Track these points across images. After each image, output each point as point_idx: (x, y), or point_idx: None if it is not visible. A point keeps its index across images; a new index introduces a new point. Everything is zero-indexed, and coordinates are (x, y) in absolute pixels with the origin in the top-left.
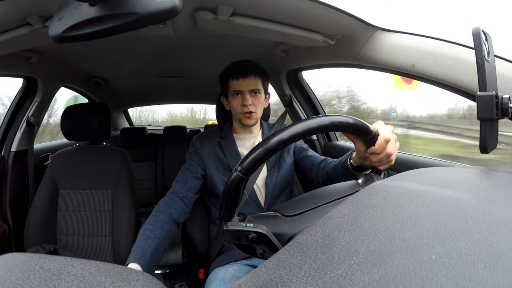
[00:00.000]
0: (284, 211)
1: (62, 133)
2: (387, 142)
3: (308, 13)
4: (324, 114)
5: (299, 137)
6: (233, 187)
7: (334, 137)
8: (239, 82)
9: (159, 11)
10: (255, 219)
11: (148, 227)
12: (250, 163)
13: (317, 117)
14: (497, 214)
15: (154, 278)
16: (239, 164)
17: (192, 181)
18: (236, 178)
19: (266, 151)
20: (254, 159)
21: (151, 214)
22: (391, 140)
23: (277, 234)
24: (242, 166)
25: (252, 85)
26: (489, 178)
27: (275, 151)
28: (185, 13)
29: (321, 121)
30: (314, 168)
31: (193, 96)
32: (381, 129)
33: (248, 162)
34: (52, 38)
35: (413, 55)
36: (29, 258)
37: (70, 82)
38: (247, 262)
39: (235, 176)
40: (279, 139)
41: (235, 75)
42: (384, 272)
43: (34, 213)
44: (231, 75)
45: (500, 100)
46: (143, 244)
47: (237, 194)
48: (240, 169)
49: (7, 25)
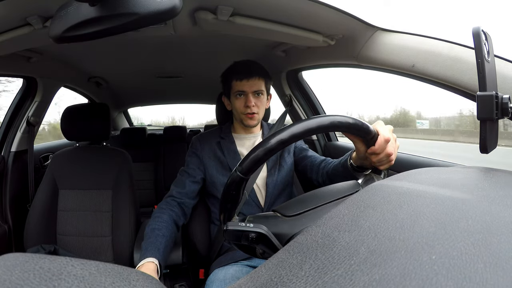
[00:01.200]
0: (284, 211)
1: (62, 133)
2: (387, 142)
3: (308, 13)
4: (324, 114)
5: (299, 137)
6: (233, 187)
7: (334, 137)
8: (242, 83)
9: (159, 11)
10: (255, 219)
11: (155, 226)
12: (250, 163)
13: (317, 117)
14: (497, 214)
15: (154, 278)
16: (239, 164)
17: (190, 186)
18: (236, 178)
19: (266, 151)
20: (254, 159)
21: (154, 216)
22: (391, 140)
23: (277, 234)
24: (242, 166)
25: (255, 86)
26: (489, 178)
27: (275, 151)
28: (185, 13)
29: (320, 121)
30: (314, 168)
31: (193, 96)
32: (381, 129)
33: (248, 162)
34: (52, 38)
35: (413, 55)
36: (29, 258)
37: (70, 82)
38: (247, 262)
39: (235, 176)
40: (279, 139)
41: (239, 75)
42: (384, 272)
43: (34, 213)
44: (235, 75)
45: (500, 100)
46: (155, 241)
47: (237, 194)
48: (240, 169)
49: (7, 25)
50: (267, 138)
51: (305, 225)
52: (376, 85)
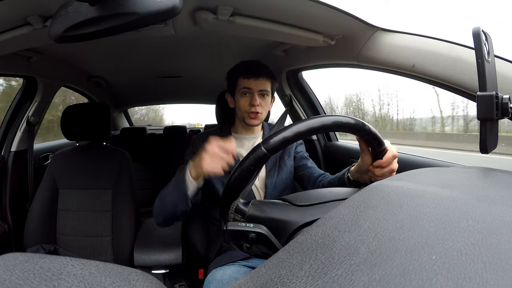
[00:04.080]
0: (293, 200)
1: (62, 133)
2: (394, 158)
3: (308, 13)
4: (356, 118)
5: (328, 128)
6: (253, 162)
7: (334, 137)
8: (250, 81)
9: (159, 11)
10: (260, 204)
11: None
12: (278, 141)
13: (346, 116)
14: (497, 214)
15: (154, 278)
16: (265, 141)
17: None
18: (260, 153)
19: (296, 134)
20: (283, 137)
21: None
22: (397, 157)
23: (285, 222)
24: (268, 142)
25: (262, 85)
26: (489, 178)
27: (304, 136)
28: (185, 13)
29: (347, 120)
30: (311, 180)
31: (193, 96)
32: (389, 145)
33: (277, 139)
34: (52, 38)
35: (413, 55)
36: (29, 258)
37: (70, 82)
38: (246, 263)
39: (260, 152)
40: (310, 126)
41: (247, 74)
42: (384, 272)
43: (34, 213)
44: (243, 73)
45: (500, 100)
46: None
47: (253, 171)
48: (267, 146)
49: (7, 25)
50: (296, 122)
51: (317, 216)
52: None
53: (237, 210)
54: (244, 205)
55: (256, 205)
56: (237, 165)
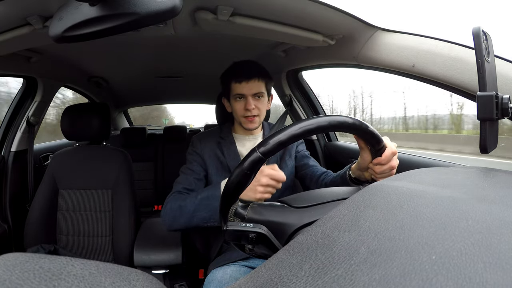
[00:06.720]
0: (291, 202)
1: (62, 133)
2: (393, 155)
3: (308, 13)
4: (355, 118)
5: (325, 129)
6: (249, 166)
7: (334, 137)
8: (242, 85)
9: (159, 11)
10: (259, 207)
11: (183, 199)
12: (274, 145)
13: (347, 116)
14: (497, 214)
15: (154, 278)
16: (260, 144)
17: (196, 184)
18: (255, 158)
19: (291, 136)
20: (277, 141)
21: (171, 199)
22: (396, 154)
23: (283, 224)
24: (264, 146)
25: (255, 88)
26: (489, 178)
27: (299, 137)
28: (185, 13)
29: (345, 120)
30: (314, 179)
31: (193, 96)
32: (388, 142)
33: (272, 143)
34: (52, 38)
35: (413, 55)
36: (29, 258)
37: (70, 82)
38: (245, 263)
39: (255, 156)
40: (304, 127)
41: (238, 77)
42: (384, 272)
43: (34, 213)
44: (234, 77)
45: (500, 100)
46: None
47: (250, 175)
48: (262, 149)
49: (7, 25)
50: (292, 124)
51: (315, 217)
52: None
53: (236, 214)
54: (243, 208)
55: (255, 208)
56: (233, 170)
